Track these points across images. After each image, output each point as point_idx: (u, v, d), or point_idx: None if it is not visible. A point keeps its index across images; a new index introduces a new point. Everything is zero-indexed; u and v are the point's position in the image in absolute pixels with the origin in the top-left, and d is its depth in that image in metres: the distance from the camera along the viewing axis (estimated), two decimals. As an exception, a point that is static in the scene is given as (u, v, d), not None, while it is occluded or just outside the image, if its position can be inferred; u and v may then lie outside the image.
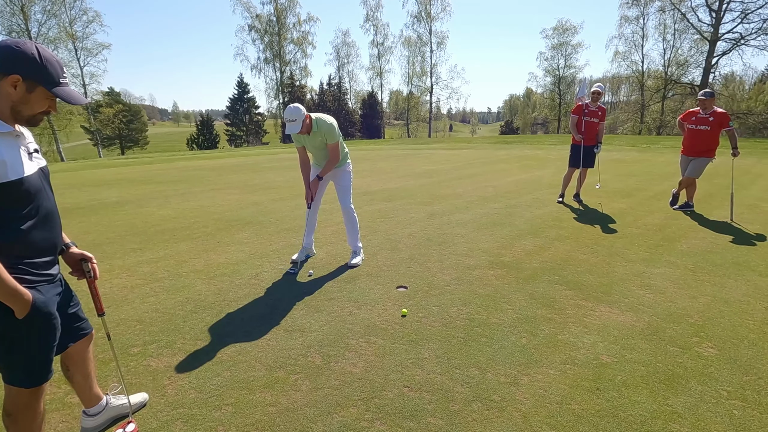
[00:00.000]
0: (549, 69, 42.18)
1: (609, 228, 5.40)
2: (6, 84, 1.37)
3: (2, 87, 1.38)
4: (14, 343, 1.49)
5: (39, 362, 1.55)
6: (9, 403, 1.57)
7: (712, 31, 30.26)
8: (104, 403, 2.01)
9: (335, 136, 3.86)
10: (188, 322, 3.03)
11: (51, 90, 1.43)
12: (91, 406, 1.98)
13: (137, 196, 8.39)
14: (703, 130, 5.92)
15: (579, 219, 5.90)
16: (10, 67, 1.36)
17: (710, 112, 5.88)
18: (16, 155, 1.42)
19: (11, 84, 1.38)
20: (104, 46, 32.28)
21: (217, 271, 4.02)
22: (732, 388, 2.25)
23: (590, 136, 6.73)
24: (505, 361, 2.51)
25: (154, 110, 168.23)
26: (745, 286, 3.57)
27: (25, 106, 1.42)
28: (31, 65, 1.38)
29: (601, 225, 5.55)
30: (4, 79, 1.37)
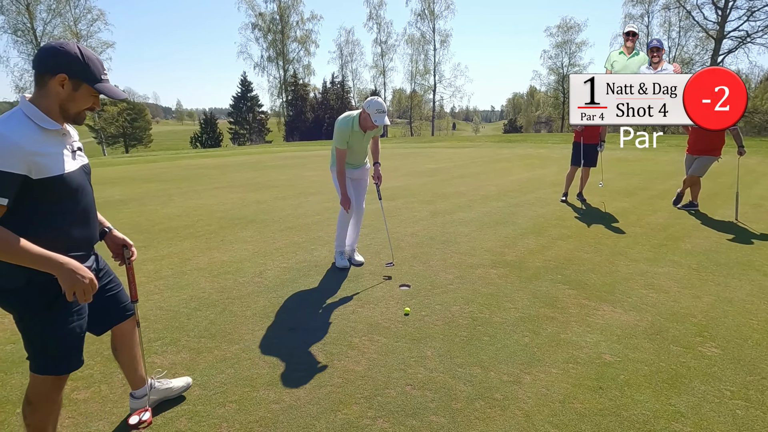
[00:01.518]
0: (553, 67, 42.05)
1: (612, 227, 5.39)
2: (54, 83, 1.43)
3: (51, 86, 1.44)
4: (44, 332, 1.53)
5: (67, 350, 1.58)
6: (32, 391, 1.61)
7: (718, 29, 30.06)
8: (149, 386, 2.07)
9: None
10: (192, 319, 3.05)
11: (94, 86, 1.49)
12: (136, 389, 2.04)
13: (141, 194, 8.43)
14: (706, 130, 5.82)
15: (582, 218, 5.88)
16: (56, 67, 1.42)
17: None
18: (60, 153, 1.49)
19: (59, 83, 1.43)
20: (108, 44, 32.44)
21: (220, 269, 4.04)
22: (735, 388, 2.25)
23: (591, 134, 6.58)
24: (508, 360, 2.51)
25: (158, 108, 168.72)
26: (749, 285, 3.56)
27: (71, 104, 1.48)
28: (76, 64, 1.44)
29: (604, 224, 5.53)
30: (52, 78, 1.43)
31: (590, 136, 6.61)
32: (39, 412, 1.62)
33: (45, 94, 1.45)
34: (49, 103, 1.45)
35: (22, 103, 1.45)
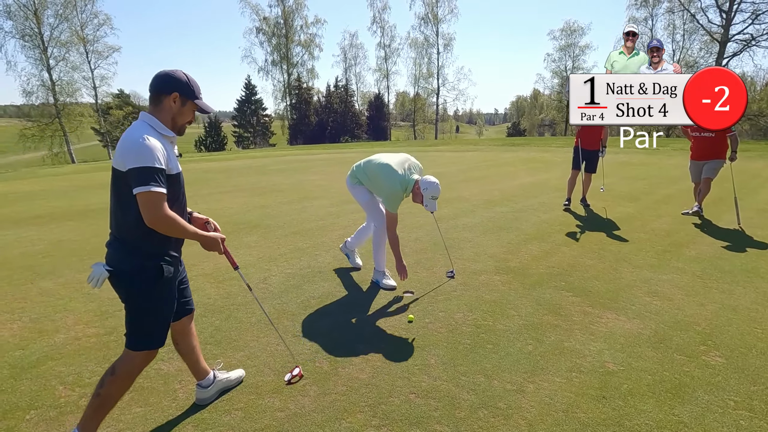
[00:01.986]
0: (556, 70, 41.99)
1: (616, 233, 5.38)
2: (168, 100, 1.83)
3: (166, 103, 1.83)
4: (148, 312, 1.85)
5: (161, 328, 1.91)
6: (121, 365, 1.88)
7: (722, 32, 29.94)
8: (212, 377, 2.25)
9: None
10: (198, 325, 3.06)
11: (195, 101, 1.88)
12: (201, 379, 2.23)
13: (147, 198, 8.49)
14: (708, 137, 5.78)
15: (586, 223, 5.88)
16: (171, 88, 1.82)
17: None
18: (173, 156, 1.86)
19: (172, 100, 1.83)
20: (114, 48, 32.68)
21: (225, 275, 4.07)
22: (739, 397, 2.25)
23: (592, 140, 6.49)
24: (511, 368, 2.53)
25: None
26: (754, 293, 3.55)
27: (180, 117, 1.87)
28: (184, 85, 1.85)
29: (608, 230, 5.53)
30: (167, 97, 1.82)
31: (590, 142, 6.52)
32: (117, 383, 1.87)
33: (161, 109, 1.83)
34: (164, 116, 1.84)
35: (145, 116, 1.83)
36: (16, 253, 4.89)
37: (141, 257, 1.81)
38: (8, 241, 5.35)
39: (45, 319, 3.19)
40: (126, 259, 1.81)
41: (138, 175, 1.67)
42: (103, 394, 1.85)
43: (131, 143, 1.70)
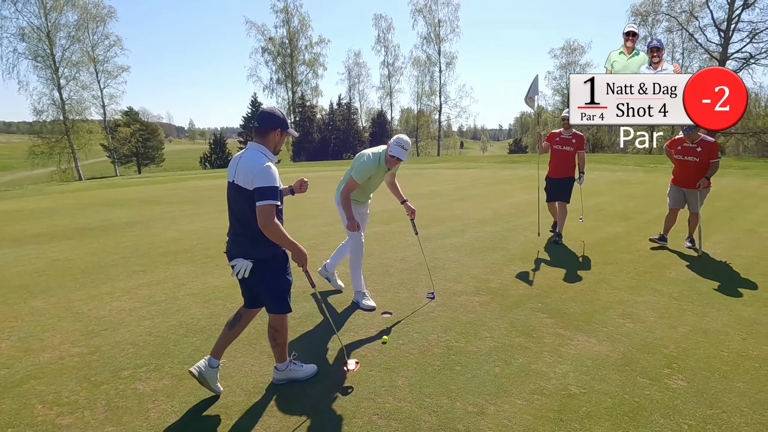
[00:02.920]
0: (557, 88, 42.40)
1: (601, 253, 5.45)
2: (274, 134, 2.45)
3: (272, 136, 2.45)
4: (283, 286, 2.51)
5: (288, 296, 2.55)
6: (276, 323, 2.56)
7: (721, 51, 30.23)
8: (287, 363, 2.70)
9: None
10: (179, 345, 3.18)
11: (288, 132, 2.52)
12: (279, 363, 2.69)
13: (146, 216, 8.68)
14: (691, 161, 5.43)
15: (572, 244, 5.95)
16: (276, 125, 2.45)
17: (698, 141, 5.37)
18: None
19: (277, 134, 2.46)
20: (124, 68, 33.52)
21: (212, 295, 4.18)
22: (694, 421, 2.30)
23: (562, 167, 5.90)
24: (476, 391, 2.59)
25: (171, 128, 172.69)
26: (727, 316, 3.60)
27: (279, 145, 2.52)
28: (283, 121, 2.47)
29: (594, 250, 5.59)
30: (273, 131, 2.44)
31: (560, 169, 5.95)
32: (281, 335, 2.59)
33: (268, 141, 2.44)
34: (270, 146, 2.44)
35: (256, 146, 2.41)
36: (13, 271, 5.04)
37: (273, 248, 2.42)
38: (7, 260, 5.51)
39: (33, 339, 3.31)
40: (264, 250, 2.41)
41: (262, 192, 2.26)
42: (279, 343, 2.60)
43: (259, 168, 2.28)
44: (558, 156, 5.92)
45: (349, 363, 2.78)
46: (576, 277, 4.57)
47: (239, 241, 2.44)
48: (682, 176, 5.57)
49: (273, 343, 2.62)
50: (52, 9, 28.66)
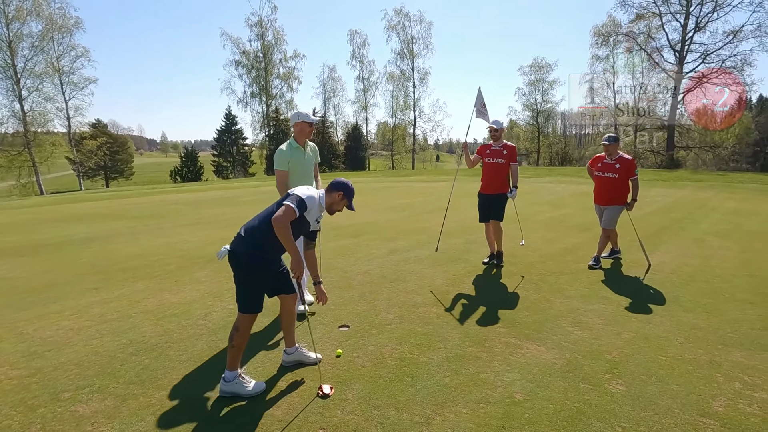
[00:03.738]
0: (527, 104, 43.80)
1: (559, 263, 5.63)
2: (337, 195, 2.89)
3: (334, 195, 2.89)
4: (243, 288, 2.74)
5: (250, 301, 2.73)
6: (238, 322, 2.72)
7: (677, 70, 32.04)
8: (296, 347, 3.05)
9: None
10: (126, 365, 3.09)
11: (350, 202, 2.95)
12: (288, 347, 3.05)
13: (107, 232, 8.42)
14: (610, 178, 5.40)
15: (531, 254, 6.12)
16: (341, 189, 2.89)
17: (616, 158, 5.38)
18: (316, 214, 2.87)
19: (339, 195, 2.89)
20: (91, 80, 32.74)
21: (167, 312, 4.09)
22: (628, 424, 2.40)
23: (495, 182, 5.40)
24: (424, 401, 2.63)
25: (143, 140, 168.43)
26: (669, 322, 3.78)
27: (335, 206, 2.92)
28: (350, 191, 2.92)
29: (552, 260, 5.77)
30: (337, 192, 2.88)
31: (491, 185, 5.44)
32: (240, 336, 2.71)
33: (330, 196, 2.90)
34: (328, 200, 2.90)
35: (323, 195, 2.88)
36: (-45, 291, 4.79)
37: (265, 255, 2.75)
38: (-50, 279, 5.24)
39: (-31, 362, 3.15)
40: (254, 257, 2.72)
41: (292, 198, 2.71)
42: (236, 344, 2.70)
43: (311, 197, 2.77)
44: (489, 170, 5.46)
45: (324, 387, 2.73)
46: (532, 287, 4.70)
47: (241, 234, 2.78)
48: (601, 193, 5.55)
49: (230, 342, 2.70)
50: (15, 18, 27.84)
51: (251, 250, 2.69)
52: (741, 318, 3.82)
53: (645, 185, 16.40)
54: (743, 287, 4.63)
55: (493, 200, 5.43)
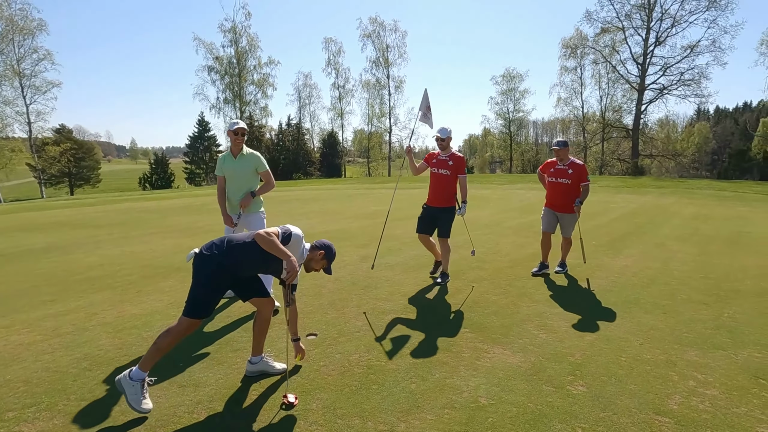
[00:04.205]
0: (500, 112, 44.87)
1: (527, 268, 5.73)
2: (319, 254, 2.86)
3: (316, 254, 2.86)
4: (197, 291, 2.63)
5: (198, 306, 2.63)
6: (176, 323, 2.62)
7: (640, 82, 33.54)
8: (261, 357, 2.99)
9: (266, 165, 4.31)
10: (78, 381, 2.94)
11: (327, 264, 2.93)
12: (254, 356, 2.98)
13: (67, 241, 8.06)
14: (564, 183, 5.31)
15: (501, 260, 6.22)
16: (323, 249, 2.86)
17: (568, 164, 5.31)
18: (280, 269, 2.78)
19: (320, 255, 2.86)
20: (54, 84, 31.53)
21: (127, 324, 3.93)
22: (587, 424, 2.45)
23: (440, 195, 4.97)
24: (389, 409, 2.61)
25: (111, 147, 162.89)
26: (630, 323, 3.90)
27: (312, 264, 2.90)
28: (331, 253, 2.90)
29: (520, 265, 5.88)
30: (318, 252, 2.86)
31: (436, 198, 5.02)
32: (170, 338, 2.61)
33: (312, 254, 2.87)
34: (309, 255, 2.87)
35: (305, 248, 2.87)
36: None
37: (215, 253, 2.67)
38: None
39: None
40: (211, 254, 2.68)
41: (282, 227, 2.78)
42: (160, 347, 2.60)
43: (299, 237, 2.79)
44: (435, 181, 5.03)
45: (289, 396, 2.67)
46: (501, 292, 4.77)
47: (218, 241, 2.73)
48: (555, 199, 5.47)
49: (157, 342, 2.61)
50: (-29, 19, 26.58)
51: (222, 262, 2.63)
52: (696, 318, 3.98)
53: (611, 191, 17.02)
54: (699, 289, 4.84)
55: (440, 214, 4.99)
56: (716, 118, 55.74)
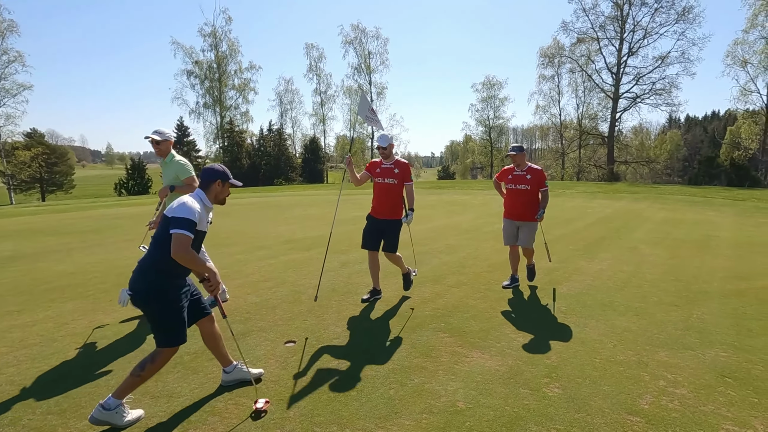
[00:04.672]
0: (480, 119, 45.57)
1: (506, 273, 5.77)
2: (216, 184, 2.71)
3: (213, 187, 2.70)
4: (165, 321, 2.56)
5: (179, 329, 2.60)
6: (157, 355, 2.57)
7: (614, 90, 34.59)
8: (234, 365, 2.94)
9: (189, 172, 4.26)
10: (45, 393, 2.84)
11: (230, 182, 2.77)
12: (226, 366, 2.94)
13: (36, 249, 7.78)
14: (523, 190, 4.99)
15: (481, 264, 6.29)
16: (215, 177, 2.71)
17: (526, 169, 5.01)
18: (206, 219, 2.67)
19: (219, 184, 2.71)
20: (25, 86, 30.53)
21: (98, 334, 3.82)
22: (562, 426, 2.49)
23: (385, 206, 4.55)
24: (367, 415, 2.60)
25: (86, 151, 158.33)
26: (604, 325, 3.99)
27: (221, 195, 2.76)
28: (222, 174, 2.73)
29: (499, 270, 5.95)
30: (213, 183, 2.70)
31: (381, 209, 4.59)
32: (155, 369, 2.58)
33: (210, 191, 2.71)
34: (210, 195, 2.71)
35: (200, 193, 2.68)
36: None
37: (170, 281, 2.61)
38: None
39: None
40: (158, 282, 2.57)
41: (181, 224, 2.46)
42: (144, 376, 2.56)
43: (182, 202, 2.54)
44: (380, 191, 4.58)
45: (259, 401, 2.65)
46: (480, 297, 4.82)
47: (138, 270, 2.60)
48: (515, 207, 5.11)
49: (137, 372, 2.52)
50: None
51: (157, 281, 2.53)
52: (666, 320, 4.10)
53: (588, 197, 17.42)
54: (669, 291, 4.99)
55: (386, 227, 4.55)
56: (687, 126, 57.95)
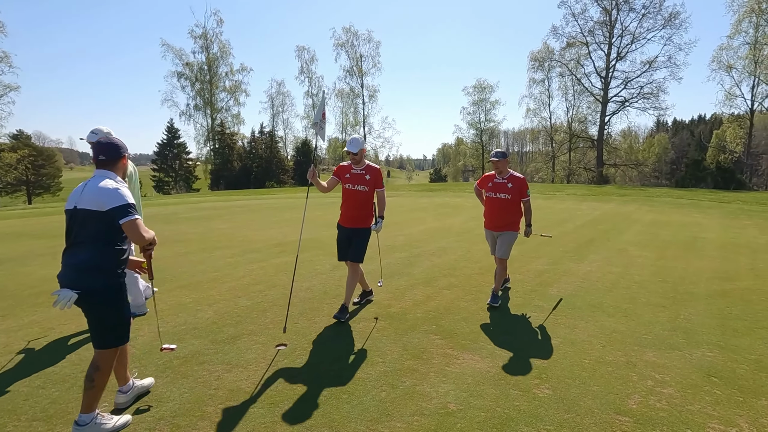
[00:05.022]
0: (472, 122, 45.85)
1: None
2: (123, 160, 2.64)
3: (122, 163, 2.63)
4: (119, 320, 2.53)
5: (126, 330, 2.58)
6: (101, 361, 2.47)
7: (603, 94, 35.07)
8: (131, 384, 2.77)
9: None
10: (31, 399, 2.79)
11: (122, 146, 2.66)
12: (122, 385, 2.75)
13: (22, 253, 7.65)
14: (503, 199, 4.64)
15: (471, 267, 6.33)
16: (123, 152, 2.63)
17: (507, 177, 4.66)
18: None
19: (125, 159, 2.65)
20: (12, 87, 30.07)
21: (85, 339, 3.76)
22: (552, 426, 2.51)
23: (355, 215, 4.30)
24: (358, 418, 2.60)
25: (74, 154, 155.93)
26: (593, 327, 4.03)
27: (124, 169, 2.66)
28: (125, 147, 2.65)
29: (490, 272, 5.98)
30: (122, 159, 2.62)
31: (350, 217, 4.33)
32: (105, 375, 2.47)
33: (118, 168, 2.60)
34: (119, 172, 2.61)
35: (106, 173, 2.52)
36: None
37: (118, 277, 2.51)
38: None
39: None
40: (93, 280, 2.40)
41: (122, 210, 2.37)
42: (97, 385, 2.44)
43: (111, 190, 2.40)
44: (349, 198, 4.31)
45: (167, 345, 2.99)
46: (471, 299, 4.84)
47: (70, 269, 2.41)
48: (493, 216, 4.76)
49: (89, 384, 2.40)
50: None
51: (113, 279, 2.45)
52: (654, 320, 4.16)
53: (577, 199, 17.62)
54: (657, 292, 5.07)
55: (353, 235, 4.31)
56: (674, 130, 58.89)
